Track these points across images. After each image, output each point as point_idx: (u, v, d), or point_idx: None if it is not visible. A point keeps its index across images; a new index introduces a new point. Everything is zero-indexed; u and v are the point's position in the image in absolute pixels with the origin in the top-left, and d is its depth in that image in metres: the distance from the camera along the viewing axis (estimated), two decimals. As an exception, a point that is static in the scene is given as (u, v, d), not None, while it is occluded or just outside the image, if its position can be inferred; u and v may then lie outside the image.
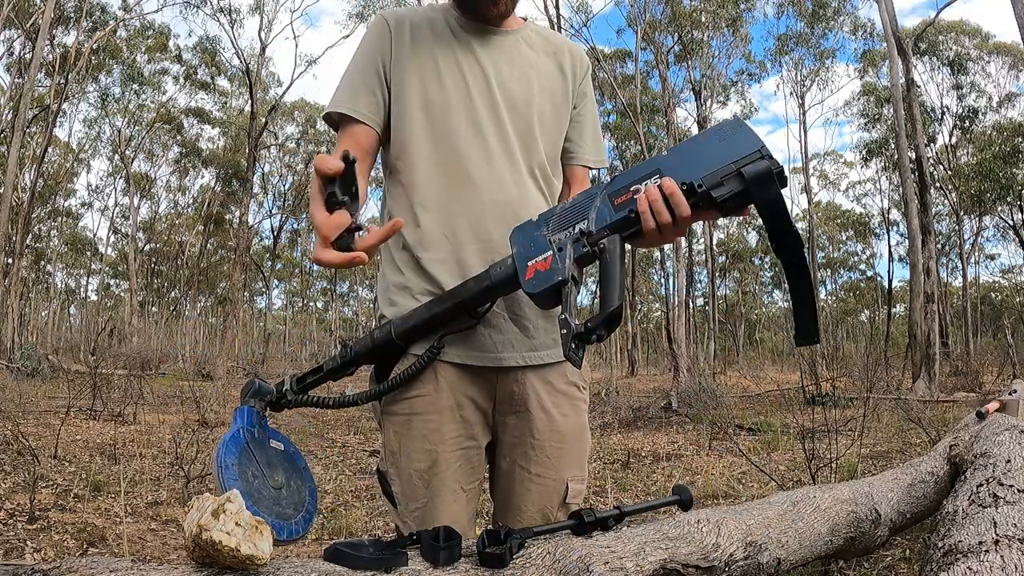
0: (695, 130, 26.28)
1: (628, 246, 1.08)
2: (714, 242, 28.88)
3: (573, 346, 0.93)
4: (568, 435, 1.30)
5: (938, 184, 24.70)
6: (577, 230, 1.04)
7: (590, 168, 1.45)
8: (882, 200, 31.60)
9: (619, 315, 0.96)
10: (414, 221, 1.29)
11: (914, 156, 13.82)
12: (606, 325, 0.95)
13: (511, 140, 1.31)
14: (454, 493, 1.24)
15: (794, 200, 52.80)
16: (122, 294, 39.44)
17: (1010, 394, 3.27)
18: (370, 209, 41.50)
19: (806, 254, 1.03)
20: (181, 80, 28.70)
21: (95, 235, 37.02)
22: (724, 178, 0.99)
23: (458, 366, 1.24)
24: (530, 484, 1.28)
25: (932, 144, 24.82)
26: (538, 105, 1.34)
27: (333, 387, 12.32)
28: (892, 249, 31.90)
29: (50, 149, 23.63)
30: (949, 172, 25.09)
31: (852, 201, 43.77)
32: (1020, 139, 22.40)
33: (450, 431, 1.24)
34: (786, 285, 1.22)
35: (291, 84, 46.95)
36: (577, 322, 0.95)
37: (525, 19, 1.42)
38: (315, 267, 43.96)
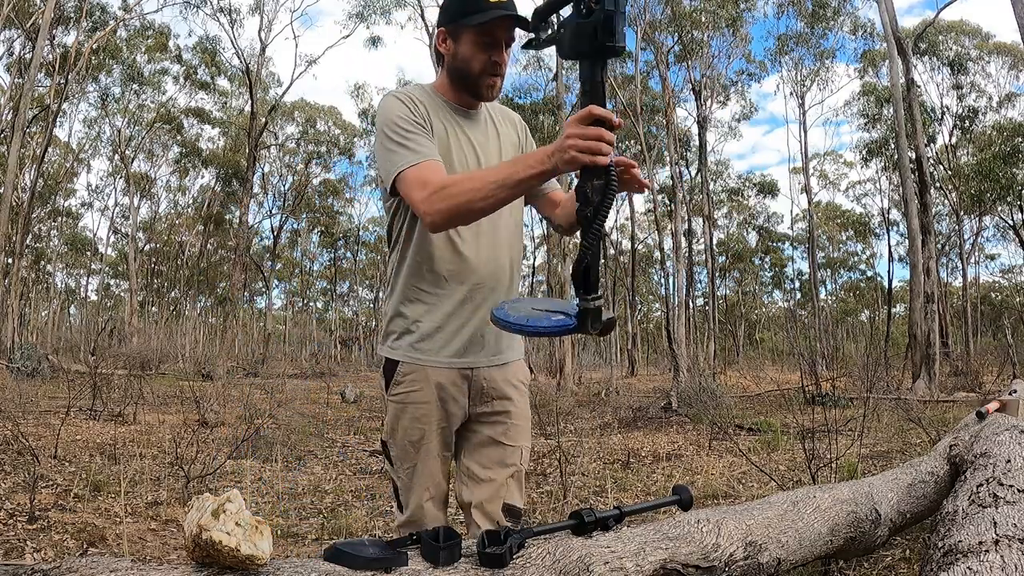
0: (695, 130, 26.31)
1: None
2: (714, 242, 28.90)
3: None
4: (522, 415, 1.73)
5: (938, 184, 24.70)
6: None
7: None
8: (882, 200, 31.60)
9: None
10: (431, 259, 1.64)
11: (914, 156, 13.82)
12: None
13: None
14: (435, 457, 1.66)
15: (794, 200, 52.76)
16: (122, 294, 39.45)
17: (1010, 394, 3.27)
18: (370, 209, 41.50)
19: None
20: (181, 80, 28.70)
21: (95, 235, 37.03)
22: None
23: (442, 368, 1.64)
24: (503, 450, 1.69)
25: (932, 144, 24.82)
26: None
27: (334, 386, 12.26)
28: (892, 249, 31.91)
29: (50, 149, 23.63)
30: (949, 172, 25.09)
31: (852, 201, 43.75)
32: (1020, 139, 22.39)
33: (434, 415, 1.64)
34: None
35: (291, 84, 46.93)
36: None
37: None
38: (315, 267, 44.03)
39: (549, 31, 1.36)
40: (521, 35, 1.53)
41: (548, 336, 1.34)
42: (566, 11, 1.31)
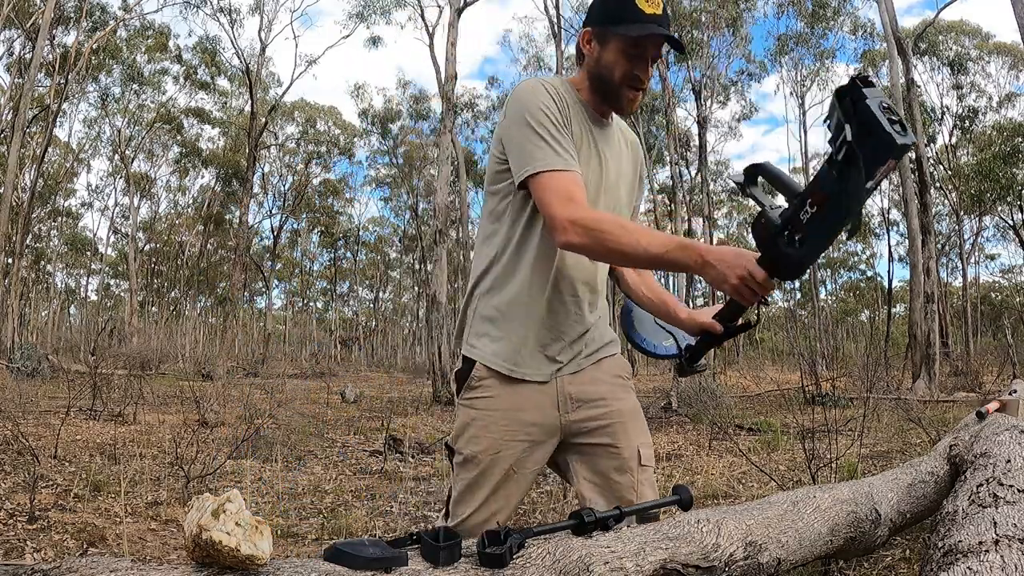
0: (695, 130, 26.29)
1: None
2: (714, 242, 28.87)
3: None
4: (627, 412, 1.60)
5: (938, 184, 24.69)
6: None
7: None
8: (882, 200, 31.57)
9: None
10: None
11: (914, 156, 13.82)
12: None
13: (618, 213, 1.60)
14: (500, 474, 1.53)
15: (794, 200, 52.85)
16: (122, 294, 39.45)
17: (1010, 394, 3.27)
18: (370, 209, 41.47)
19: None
20: (181, 80, 28.71)
21: (95, 235, 37.05)
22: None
23: (516, 380, 1.54)
24: (609, 455, 1.57)
25: (932, 144, 24.82)
26: (624, 187, 1.64)
27: (334, 386, 12.26)
28: (892, 249, 31.90)
29: (50, 149, 23.63)
30: (949, 172, 25.08)
31: (852, 201, 43.57)
32: (1020, 139, 22.39)
33: (509, 428, 1.53)
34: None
35: (291, 84, 46.99)
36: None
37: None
38: (315, 267, 44.06)
39: (754, 188, 1.36)
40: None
41: (661, 359, 1.46)
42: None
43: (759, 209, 1.29)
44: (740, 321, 1.42)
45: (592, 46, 1.52)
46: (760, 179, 1.37)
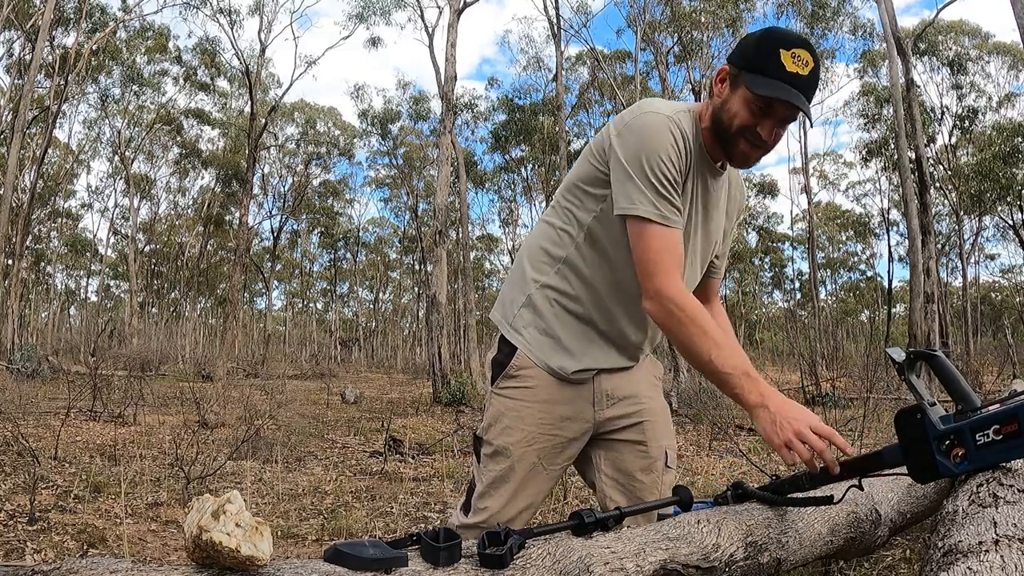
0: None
1: None
2: (714, 242, 28.83)
3: None
4: (657, 411, 1.60)
5: (938, 184, 24.69)
6: None
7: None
8: (882, 200, 31.58)
9: None
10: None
11: (914, 156, 13.82)
12: None
13: (696, 269, 1.58)
14: (529, 468, 1.50)
15: (794, 200, 52.74)
16: (122, 295, 39.44)
17: (1010, 394, 3.26)
18: (370, 210, 41.49)
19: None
20: (181, 81, 28.69)
21: (95, 236, 37.00)
22: None
23: (555, 374, 1.51)
24: (635, 454, 1.57)
25: (932, 144, 24.82)
26: (719, 234, 1.61)
27: (334, 387, 12.25)
28: (892, 249, 31.91)
29: (50, 150, 23.63)
30: (949, 172, 25.08)
31: (852, 201, 43.75)
32: (1020, 139, 22.39)
33: (544, 421, 1.51)
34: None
35: (291, 85, 46.93)
36: None
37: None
38: (315, 267, 44.08)
39: (913, 375, 1.29)
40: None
41: None
42: None
43: (915, 400, 1.21)
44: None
45: (723, 86, 1.42)
46: (923, 366, 1.29)
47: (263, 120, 21.80)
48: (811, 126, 1.34)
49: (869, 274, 39.74)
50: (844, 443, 1.26)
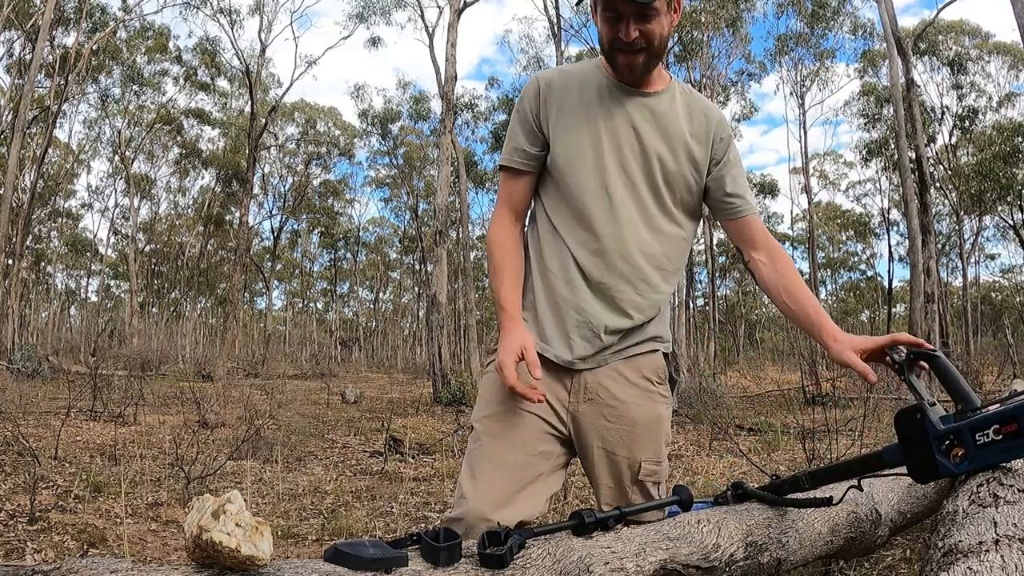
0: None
1: None
2: (714, 242, 28.88)
3: None
4: (640, 421, 1.50)
5: (938, 184, 24.68)
6: None
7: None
8: (882, 200, 31.58)
9: None
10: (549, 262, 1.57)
11: (914, 156, 13.81)
12: None
13: (631, 199, 1.49)
14: (512, 446, 1.46)
15: (794, 200, 52.72)
16: (122, 295, 39.45)
17: (1010, 394, 3.26)
18: (370, 210, 41.48)
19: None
20: (181, 81, 28.69)
21: (95, 236, 37.01)
22: None
23: (542, 356, 1.47)
24: (604, 459, 1.50)
25: (932, 144, 24.81)
26: (666, 156, 1.50)
27: (334, 386, 12.26)
28: (892, 249, 31.91)
29: (50, 150, 23.63)
30: (949, 172, 25.07)
31: (852, 201, 43.73)
32: (1020, 139, 22.38)
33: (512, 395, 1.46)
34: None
35: (291, 85, 46.95)
36: None
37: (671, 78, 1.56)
38: (315, 267, 44.08)
39: (913, 376, 1.29)
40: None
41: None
42: None
43: (915, 400, 1.21)
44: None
45: (595, 18, 1.46)
46: (923, 366, 1.29)
47: (263, 120, 21.79)
48: (647, 8, 1.23)
49: (869, 274, 39.78)
50: (524, 387, 1.39)
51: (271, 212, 33.41)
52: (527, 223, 1.61)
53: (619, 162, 1.48)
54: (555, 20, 19.48)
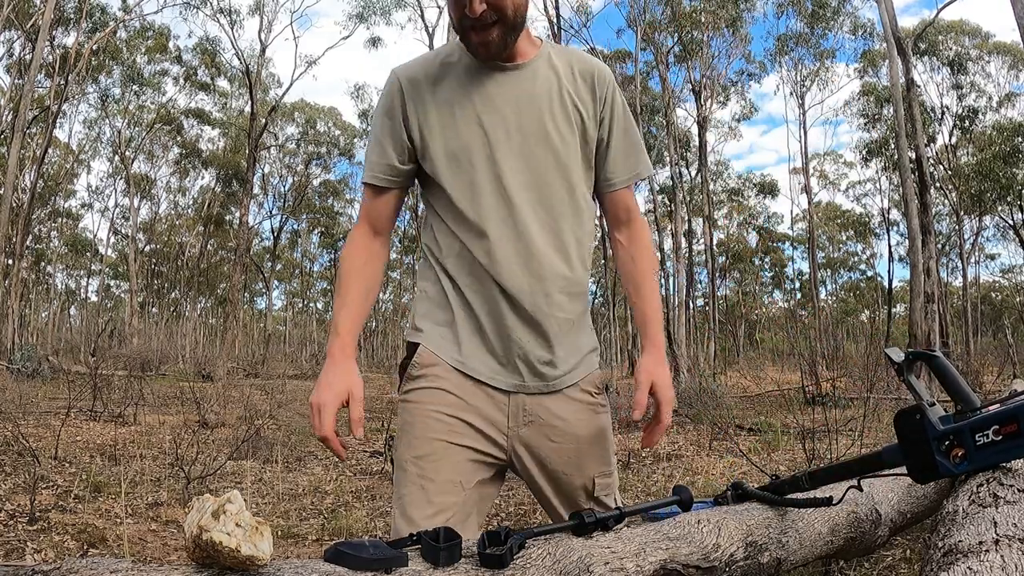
0: (695, 130, 26.31)
1: None
2: (714, 242, 28.91)
3: None
4: (586, 437, 1.38)
5: (938, 184, 24.69)
6: None
7: (635, 183, 1.46)
8: (882, 200, 31.60)
9: None
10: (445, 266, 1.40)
11: (914, 156, 13.81)
12: None
13: (530, 186, 1.33)
14: (449, 483, 1.30)
15: (794, 200, 52.74)
16: (122, 295, 39.46)
17: (1010, 394, 3.26)
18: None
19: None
20: (181, 81, 28.72)
21: (95, 236, 37.05)
22: None
23: (470, 377, 1.34)
24: (554, 483, 1.38)
25: (932, 144, 24.82)
26: (551, 128, 1.33)
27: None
28: (892, 249, 31.95)
29: (50, 150, 23.63)
30: (949, 172, 25.08)
31: (852, 201, 43.78)
32: (1020, 139, 22.39)
33: (450, 428, 1.32)
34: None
35: (291, 85, 46.97)
36: None
37: (541, 40, 1.40)
38: (315, 268, 44.09)
39: (912, 376, 1.26)
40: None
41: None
42: None
43: (915, 401, 1.19)
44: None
45: None
46: (922, 366, 1.27)
47: (263, 120, 21.80)
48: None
49: (869, 274, 39.81)
50: (340, 449, 1.29)
51: (271, 212, 33.46)
52: (423, 230, 1.44)
53: (510, 153, 1.32)
54: (555, 20, 19.48)
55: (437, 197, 1.37)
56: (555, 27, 19.50)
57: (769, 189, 35.00)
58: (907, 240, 14.41)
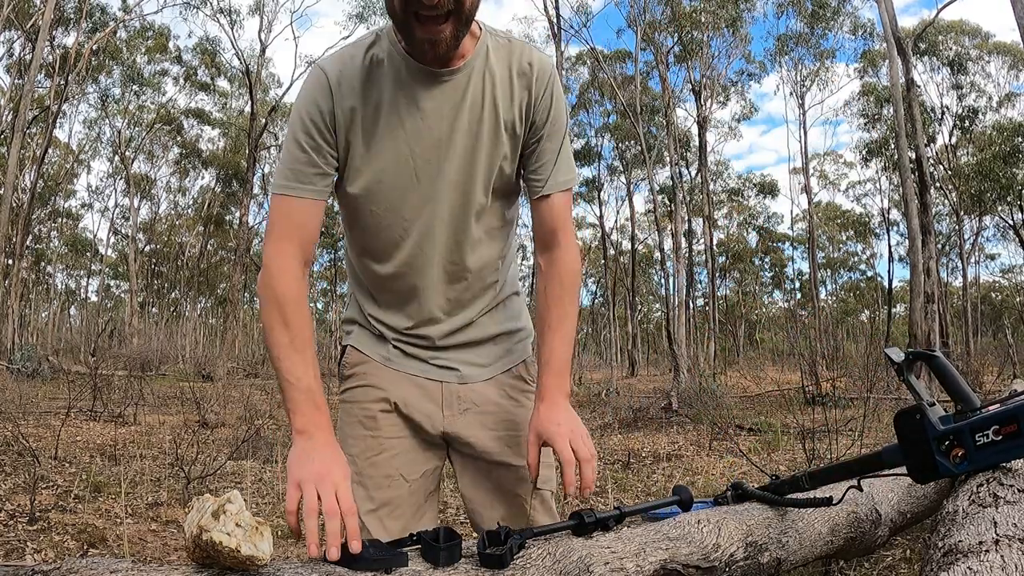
0: (695, 130, 26.31)
1: None
2: (714, 242, 28.91)
3: None
4: (523, 424, 1.31)
5: (938, 184, 24.69)
6: None
7: (564, 191, 1.30)
8: (882, 200, 31.59)
9: None
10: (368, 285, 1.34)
11: (914, 156, 13.81)
12: None
13: (454, 197, 1.23)
14: (387, 478, 1.28)
15: (794, 200, 52.75)
16: (122, 295, 39.46)
17: (1010, 394, 3.26)
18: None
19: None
20: (181, 81, 28.73)
21: (95, 236, 37.05)
22: None
23: (392, 369, 1.32)
24: (492, 474, 1.33)
25: (932, 144, 24.82)
26: (483, 149, 1.22)
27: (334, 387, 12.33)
28: (892, 249, 31.94)
29: (50, 150, 23.63)
30: (949, 172, 25.08)
31: (852, 201, 43.78)
32: (1020, 139, 22.39)
33: (385, 423, 1.30)
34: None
35: (291, 85, 46.75)
36: None
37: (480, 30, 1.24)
38: (315, 268, 44.07)
39: (912, 376, 1.26)
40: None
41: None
42: None
43: (915, 401, 1.20)
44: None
45: None
46: (922, 366, 1.27)
47: (263, 120, 21.80)
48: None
49: (869, 274, 39.80)
50: (314, 539, 0.98)
51: (271, 212, 33.42)
52: (344, 232, 1.33)
53: (442, 173, 1.21)
54: (555, 20, 19.48)
55: (349, 209, 1.27)
56: (555, 27, 19.50)
57: (769, 189, 34.99)
58: (907, 240, 14.41)
